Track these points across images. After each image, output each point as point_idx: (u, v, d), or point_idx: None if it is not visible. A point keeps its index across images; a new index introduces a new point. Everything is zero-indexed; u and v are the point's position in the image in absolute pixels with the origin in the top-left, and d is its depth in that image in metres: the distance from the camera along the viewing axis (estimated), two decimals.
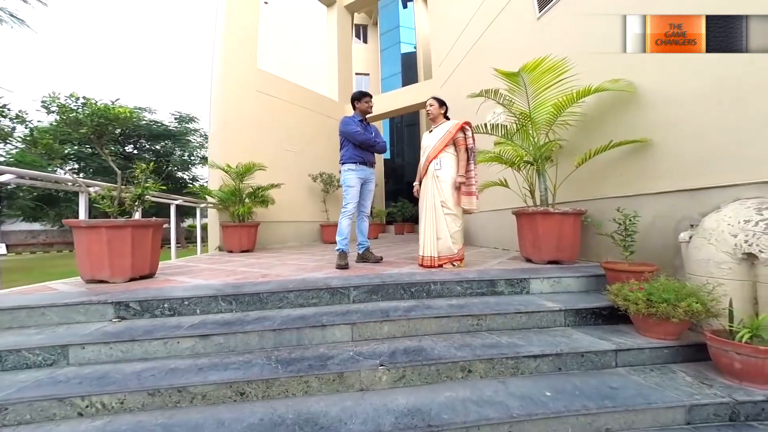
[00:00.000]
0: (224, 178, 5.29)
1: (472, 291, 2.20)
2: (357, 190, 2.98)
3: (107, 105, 2.26)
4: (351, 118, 3.10)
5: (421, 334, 1.85)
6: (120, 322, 1.88)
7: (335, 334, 1.78)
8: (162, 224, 2.59)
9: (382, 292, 2.13)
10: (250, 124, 6.20)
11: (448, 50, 5.91)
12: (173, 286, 2.27)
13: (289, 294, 2.04)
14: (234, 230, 5.01)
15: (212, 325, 1.80)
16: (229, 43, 6.11)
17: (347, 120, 3.07)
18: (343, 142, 3.07)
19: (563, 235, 2.55)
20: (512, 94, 2.64)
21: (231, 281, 2.41)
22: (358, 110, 3.13)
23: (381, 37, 16.36)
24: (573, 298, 2.08)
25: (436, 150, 2.66)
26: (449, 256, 2.61)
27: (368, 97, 3.11)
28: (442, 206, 2.61)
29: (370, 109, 3.13)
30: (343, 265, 2.81)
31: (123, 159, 19.17)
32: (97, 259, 2.25)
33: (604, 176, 2.61)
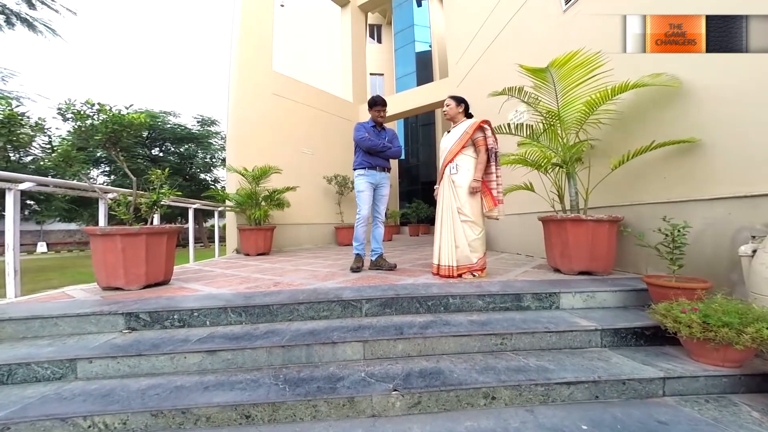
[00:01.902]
0: (241, 181, 5.33)
1: (495, 305, 2.03)
2: (368, 195, 2.96)
3: (120, 112, 2.26)
4: (362, 123, 3.10)
5: (438, 354, 1.71)
6: (130, 333, 1.86)
7: (346, 352, 1.67)
8: (177, 231, 2.57)
9: (395, 305, 2.00)
10: (266, 127, 6.24)
11: (465, 47, 5.69)
12: (185, 295, 2.24)
13: (299, 306, 1.95)
14: (250, 233, 5.03)
15: (220, 339, 1.73)
16: (245, 47, 6.16)
17: (357, 126, 3.08)
18: (355, 147, 3.09)
19: (597, 243, 2.32)
20: (538, 91, 2.43)
21: (243, 290, 2.35)
22: (371, 117, 3.11)
23: (395, 37, 16.22)
24: (610, 316, 1.87)
25: (452, 152, 2.50)
26: (469, 266, 2.45)
27: (380, 106, 3.02)
28: (459, 213, 2.44)
29: (381, 118, 3.05)
30: (356, 268, 2.94)
31: (149, 161, 20.06)
32: (112, 268, 2.25)
33: (642, 179, 2.36)
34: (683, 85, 2.02)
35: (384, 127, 3.17)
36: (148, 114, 18.05)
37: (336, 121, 7.87)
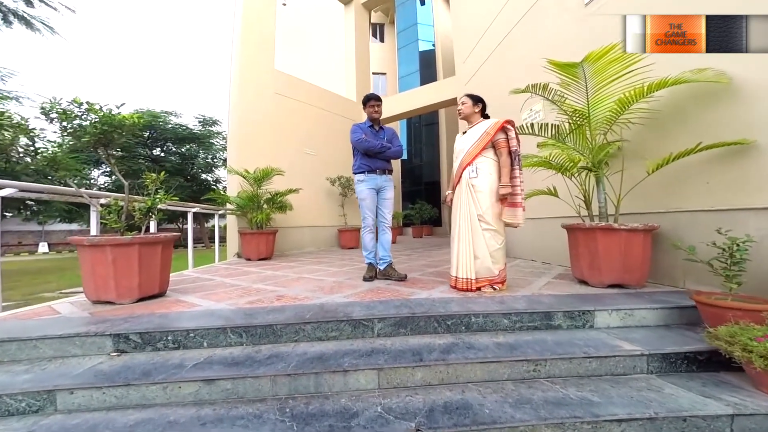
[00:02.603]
0: (242, 183, 5.15)
1: (522, 324, 1.84)
2: (371, 201, 2.81)
3: (111, 111, 2.07)
4: (358, 125, 2.91)
5: (463, 382, 1.52)
6: (119, 356, 1.67)
7: (359, 381, 1.49)
8: (172, 240, 2.39)
9: (411, 324, 1.81)
10: (268, 127, 6.06)
11: (474, 45, 5.49)
12: (181, 311, 2.06)
13: (305, 326, 1.77)
14: (252, 237, 4.85)
15: (219, 365, 1.55)
16: (247, 45, 5.99)
17: (353, 128, 2.90)
18: (354, 150, 2.92)
19: (630, 254, 2.13)
20: (566, 88, 2.24)
21: (244, 305, 2.17)
22: (367, 115, 2.93)
23: (398, 35, 16.03)
24: (654, 338, 1.68)
25: (471, 155, 2.30)
26: (489, 278, 2.25)
27: (374, 100, 2.84)
28: (479, 220, 2.25)
29: (376, 114, 2.86)
30: (368, 277, 2.82)
31: (151, 162, 19.95)
32: (102, 280, 2.07)
33: (679, 184, 2.16)
34: (732, 81, 1.82)
35: (382, 127, 3.00)
36: (149, 114, 17.93)
37: (339, 121, 7.69)
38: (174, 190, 17.45)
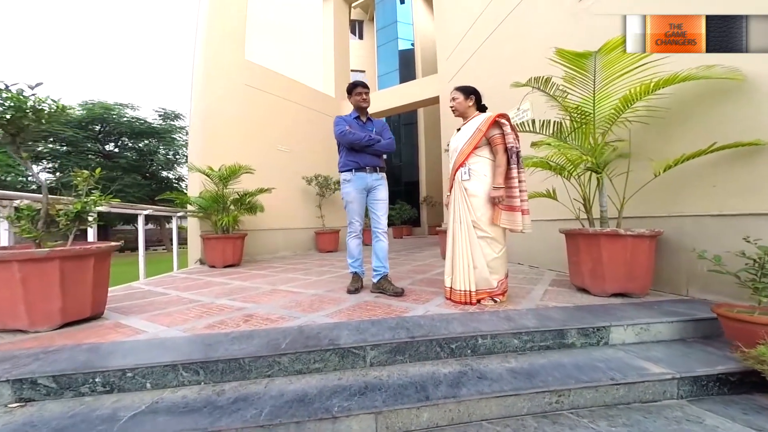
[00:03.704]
0: (205, 182, 4.61)
1: (534, 344, 1.62)
2: (358, 204, 2.48)
3: (22, 93, 1.60)
4: (342, 117, 2.55)
5: (477, 420, 1.27)
6: (23, 407, 1.25)
7: (352, 429, 1.19)
8: (109, 251, 1.93)
9: (410, 351, 1.53)
10: (237, 122, 5.54)
11: (458, 41, 5.36)
12: (118, 341, 1.63)
13: (281, 358, 1.43)
14: (217, 242, 4.34)
15: (167, 414, 1.18)
16: (214, 30, 5.44)
17: (336, 120, 2.52)
18: (339, 146, 2.54)
19: (636, 262, 2.00)
20: (570, 82, 2.08)
21: (202, 329, 1.78)
22: (352, 105, 2.58)
23: (377, 33, 15.80)
24: (675, 356, 1.53)
25: (463, 154, 2.06)
26: (489, 290, 2.03)
27: (360, 87, 2.50)
28: (474, 227, 2.02)
29: (365, 102, 2.51)
30: (353, 290, 2.51)
31: (103, 158, 18.17)
32: (7, 304, 1.59)
33: (683, 187, 2.07)
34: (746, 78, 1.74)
35: (370, 118, 2.64)
36: (101, 106, 16.32)
37: (317, 117, 7.28)
38: (129, 188, 16.00)
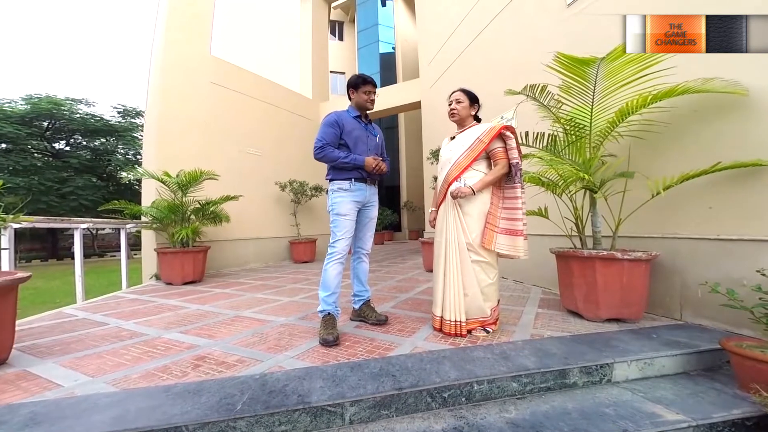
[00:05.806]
0: (161, 190, 4.11)
1: (534, 387, 1.43)
2: (351, 221, 1.98)
3: None
4: (338, 113, 2.04)
5: None
6: None
7: None
8: (13, 286, 1.52)
9: (397, 404, 1.28)
10: (200, 123, 5.07)
11: (441, 45, 5.23)
12: (11, 405, 1.24)
13: (237, 422, 1.13)
14: (174, 258, 3.86)
15: None
16: (175, 20, 4.95)
17: (330, 118, 2.01)
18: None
19: (631, 286, 1.88)
20: (566, 92, 1.94)
21: (136, 378, 1.42)
22: (353, 103, 2.10)
23: (358, 35, 15.56)
24: (684, 395, 1.39)
25: (459, 167, 1.85)
26: (481, 319, 1.83)
27: (371, 85, 2.05)
28: (468, 250, 1.81)
29: (371, 104, 2.08)
30: (331, 340, 1.74)
31: (51, 157, 16.51)
32: None
33: (677, 208, 1.98)
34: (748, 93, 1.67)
35: (371, 121, 2.20)
36: (49, 101, 14.83)
37: (292, 119, 6.90)
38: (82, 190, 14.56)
